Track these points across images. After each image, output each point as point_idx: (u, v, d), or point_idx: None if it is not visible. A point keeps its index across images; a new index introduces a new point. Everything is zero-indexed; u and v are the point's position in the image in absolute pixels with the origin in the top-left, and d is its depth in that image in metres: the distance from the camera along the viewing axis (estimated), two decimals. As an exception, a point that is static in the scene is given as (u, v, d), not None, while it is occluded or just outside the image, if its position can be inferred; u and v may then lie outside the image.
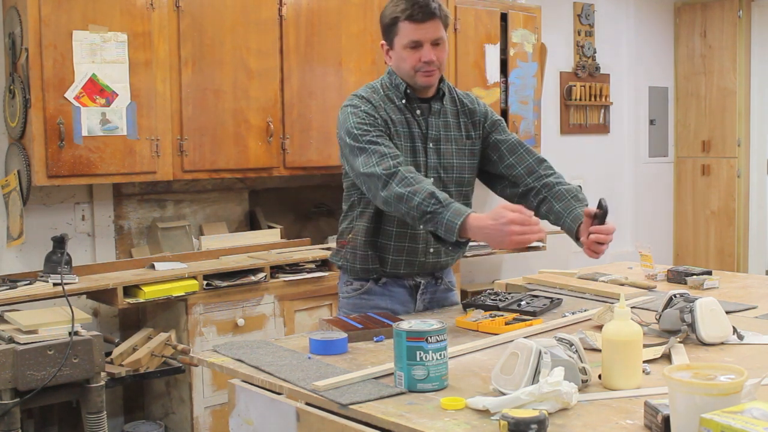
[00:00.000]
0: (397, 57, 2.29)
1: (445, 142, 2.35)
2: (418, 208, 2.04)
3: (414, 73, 2.27)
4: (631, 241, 6.09)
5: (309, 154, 4.03)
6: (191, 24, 3.65)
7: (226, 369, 1.88)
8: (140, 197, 3.93)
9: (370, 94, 2.32)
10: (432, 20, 2.22)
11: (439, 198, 2.03)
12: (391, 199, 2.09)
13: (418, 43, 2.23)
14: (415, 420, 1.45)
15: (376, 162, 2.14)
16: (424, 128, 2.33)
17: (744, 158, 6.24)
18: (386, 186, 2.10)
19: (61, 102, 3.31)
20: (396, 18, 2.24)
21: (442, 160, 2.34)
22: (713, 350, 1.89)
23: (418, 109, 2.33)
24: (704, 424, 1.16)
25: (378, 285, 2.36)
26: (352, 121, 2.23)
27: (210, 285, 3.54)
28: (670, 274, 2.77)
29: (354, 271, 2.37)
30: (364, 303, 2.35)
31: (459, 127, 2.39)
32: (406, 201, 2.06)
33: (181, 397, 3.59)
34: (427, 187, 2.06)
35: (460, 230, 1.99)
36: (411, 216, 2.07)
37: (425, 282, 2.40)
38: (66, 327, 2.86)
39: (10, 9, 3.41)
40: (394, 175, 2.09)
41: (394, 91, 2.32)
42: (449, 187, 2.35)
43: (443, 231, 2.02)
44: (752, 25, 6.18)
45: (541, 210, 2.34)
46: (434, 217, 2.03)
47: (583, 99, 5.79)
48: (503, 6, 4.88)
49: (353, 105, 2.28)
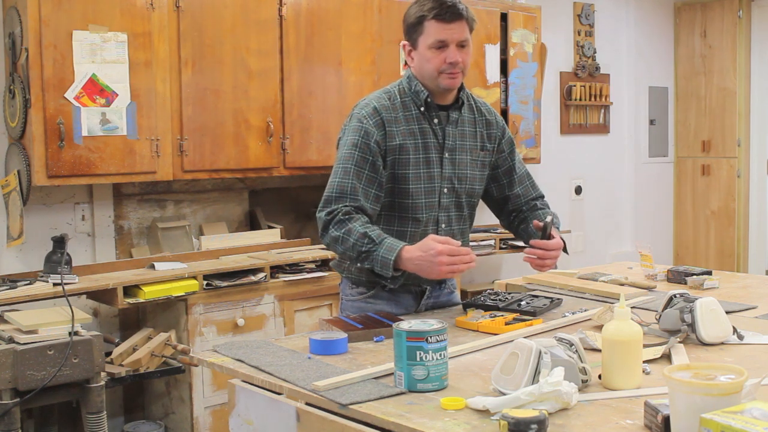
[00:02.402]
0: (421, 57, 2.25)
1: (460, 152, 2.34)
2: (354, 248, 2.13)
3: (437, 75, 2.23)
4: (631, 241, 6.10)
5: (309, 154, 4.03)
6: (191, 24, 3.65)
7: (226, 369, 1.88)
8: (140, 197, 3.93)
9: (384, 103, 2.28)
10: (459, 21, 2.20)
11: (372, 237, 2.12)
12: (329, 241, 2.20)
13: (444, 44, 2.20)
14: (415, 420, 1.45)
15: (324, 206, 2.22)
16: (441, 138, 2.31)
17: (744, 158, 6.23)
18: (325, 230, 2.20)
19: (61, 102, 3.31)
20: (422, 17, 2.21)
21: (457, 170, 2.33)
22: (713, 350, 1.89)
23: (435, 118, 2.30)
24: (704, 424, 1.16)
25: (385, 291, 2.34)
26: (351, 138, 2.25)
27: (210, 285, 3.54)
28: (670, 274, 2.77)
29: (360, 282, 2.36)
30: (369, 307, 2.33)
31: (475, 136, 2.38)
32: (342, 242, 2.15)
33: (181, 397, 3.59)
34: (359, 227, 2.14)
35: (394, 264, 2.09)
36: (348, 256, 2.18)
37: (431, 288, 2.40)
38: (66, 327, 2.86)
39: (10, 9, 3.41)
40: (331, 220, 2.18)
41: (412, 98, 2.29)
42: (461, 197, 2.36)
43: (379, 267, 2.11)
44: (752, 25, 6.18)
45: (519, 229, 2.48)
46: (369, 255, 2.12)
47: (583, 99, 5.79)
48: (503, 6, 4.88)
49: (360, 119, 2.26)
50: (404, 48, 2.32)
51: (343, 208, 2.17)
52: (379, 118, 2.24)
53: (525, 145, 5.01)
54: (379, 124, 2.24)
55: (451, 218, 2.35)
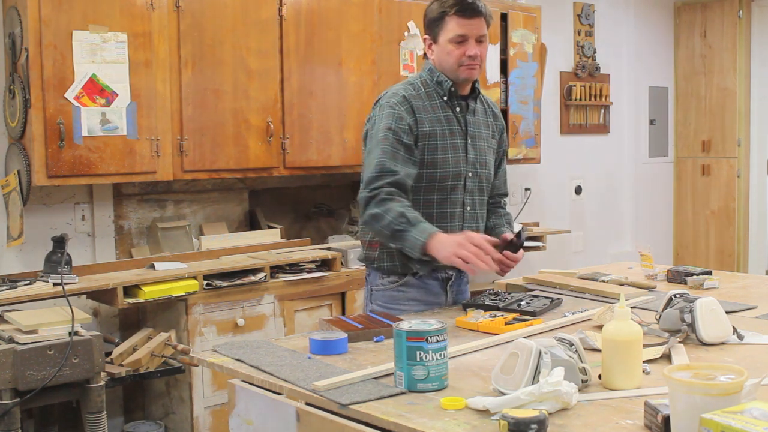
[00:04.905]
0: (441, 51, 2.39)
1: (479, 139, 2.49)
2: (389, 226, 2.21)
3: (458, 67, 2.37)
4: (631, 241, 6.10)
5: (309, 154, 4.03)
6: (191, 24, 3.65)
7: (226, 369, 1.88)
8: (140, 197, 3.93)
9: (411, 92, 2.40)
10: (478, 17, 2.36)
11: (408, 217, 2.20)
12: (368, 218, 2.28)
13: (464, 38, 2.35)
14: (415, 420, 1.45)
15: (366, 185, 2.30)
16: (464, 125, 2.45)
17: (744, 158, 6.23)
18: (366, 207, 2.28)
19: (61, 102, 3.31)
20: (444, 12, 2.35)
21: (478, 156, 2.47)
22: (713, 350, 1.89)
23: (458, 106, 2.44)
24: (704, 424, 1.16)
25: (415, 278, 2.42)
26: (385, 123, 2.34)
27: (210, 285, 3.54)
28: (670, 274, 2.77)
29: (393, 271, 2.43)
30: (401, 295, 2.42)
31: (488, 126, 2.54)
32: (379, 219, 2.24)
33: (181, 397, 3.59)
34: (398, 207, 2.22)
35: (423, 247, 2.16)
36: (383, 234, 2.27)
37: (455, 274, 2.48)
38: (66, 327, 2.86)
39: (10, 9, 3.41)
40: (373, 197, 2.26)
41: (435, 88, 2.42)
42: (483, 182, 2.50)
43: (409, 247, 2.20)
44: (752, 25, 6.18)
45: None
46: (402, 234, 2.20)
47: (583, 99, 5.79)
48: (503, 6, 4.88)
49: (391, 106, 2.36)
50: (425, 41, 2.46)
51: (386, 188, 2.26)
52: (409, 105, 2.37)
53: (525, 145, 5.01)
54: (409, 110, 2.36)
55: (474, 201, 2.48)
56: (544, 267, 3.21)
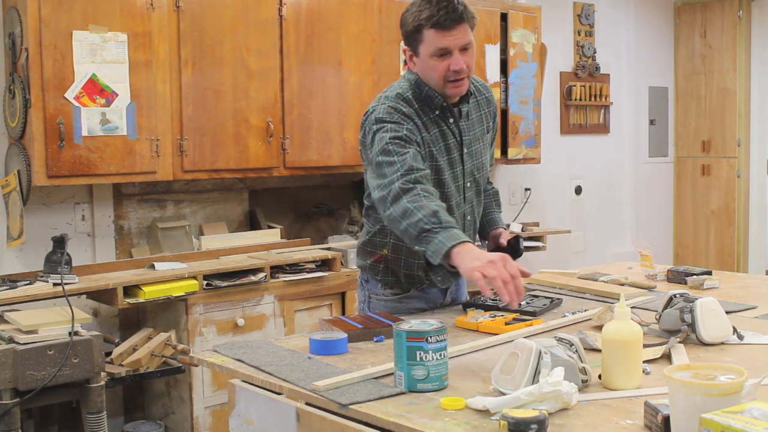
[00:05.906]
0: (424, 65, 2.17)
1: (474, 143, 2.34)
2: (417, 224, 1.96)
3: (443, 84, 2.16)
4: (631, 241, 6.09)
5: (309, 154, 4.03)
6: (191, 24, 3.65)
7: (226, 369, 1.87)
8: (140, 197, 3.93)
9: (408, 110, 2.18)
10: (458, 25, 2.10)
11: (441, 218, 1.95)
12: (398, 213, 2.01)
13: (446, 51, 2.12)
14: (415, 420, 1.45)
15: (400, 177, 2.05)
16: (458, 135, 2.28)
17: (744, 158, 6.23)
18: (397, 199, 2.02)
19: (61, 102, 3.31)
20: (420, 25, 2.11)
21: (474, 161, 2.34)
22: (713, 350, 1.89)
23: (450, 118, 2.26)
24: (704, 424, 1.16)
25: (418, 290, 2.35)
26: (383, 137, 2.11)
27: (210, 285, 3.54)
28: (670, 274, 2.77)
29: (397, 284, 2.34)
30: (401, 306, 2.34)
31: (481, 121, 2.38)
32: (409, 216, 1.98)
33: (181, 397, 3.59)
34: (432, 205, 1.98)
35: (448, 253, 1.89)
36: (408, 234, 1.99)
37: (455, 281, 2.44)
38: (66, 327, 2.86)
39: (10, 9, 3.41)
40: (409, 190, 2.01)
41: (426, 102, 2.22)
42: (480, 184, 2.40)
43: (431, 251, 1.93)
44: (752, 25, 6.18)
45: None
46: (429, 234, 1.94)
47: (583, 99, 5.79)
48: (503, 6, 4.88)
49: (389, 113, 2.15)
50: (405, 53, 2.24)
51: (422, 183, 2.03)
52: (413, 123, 2.18)
53: (525, 145, 5.01)
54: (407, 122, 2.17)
55: (473, 208, 2.39)
56: (544, 267, 3.20)
